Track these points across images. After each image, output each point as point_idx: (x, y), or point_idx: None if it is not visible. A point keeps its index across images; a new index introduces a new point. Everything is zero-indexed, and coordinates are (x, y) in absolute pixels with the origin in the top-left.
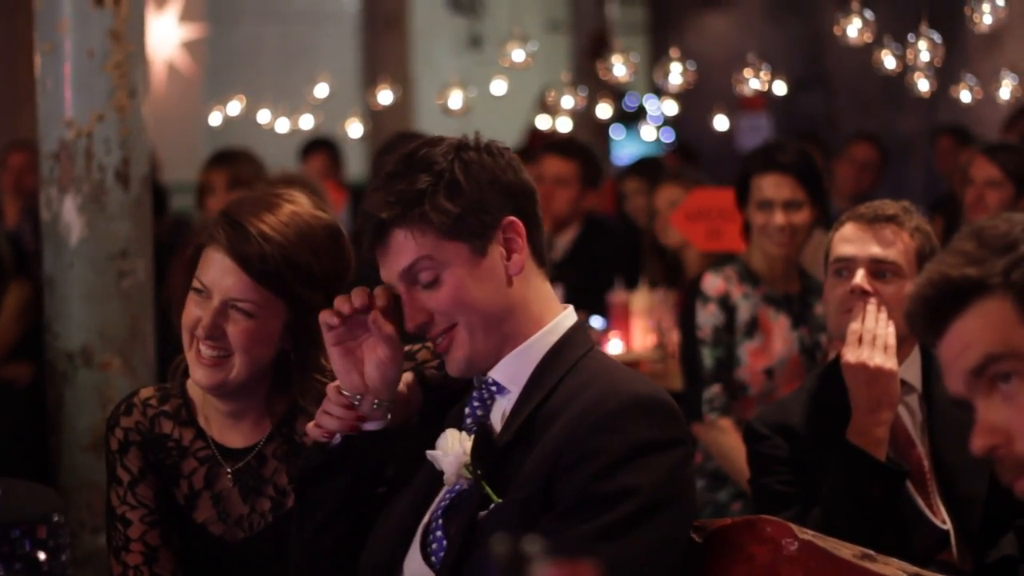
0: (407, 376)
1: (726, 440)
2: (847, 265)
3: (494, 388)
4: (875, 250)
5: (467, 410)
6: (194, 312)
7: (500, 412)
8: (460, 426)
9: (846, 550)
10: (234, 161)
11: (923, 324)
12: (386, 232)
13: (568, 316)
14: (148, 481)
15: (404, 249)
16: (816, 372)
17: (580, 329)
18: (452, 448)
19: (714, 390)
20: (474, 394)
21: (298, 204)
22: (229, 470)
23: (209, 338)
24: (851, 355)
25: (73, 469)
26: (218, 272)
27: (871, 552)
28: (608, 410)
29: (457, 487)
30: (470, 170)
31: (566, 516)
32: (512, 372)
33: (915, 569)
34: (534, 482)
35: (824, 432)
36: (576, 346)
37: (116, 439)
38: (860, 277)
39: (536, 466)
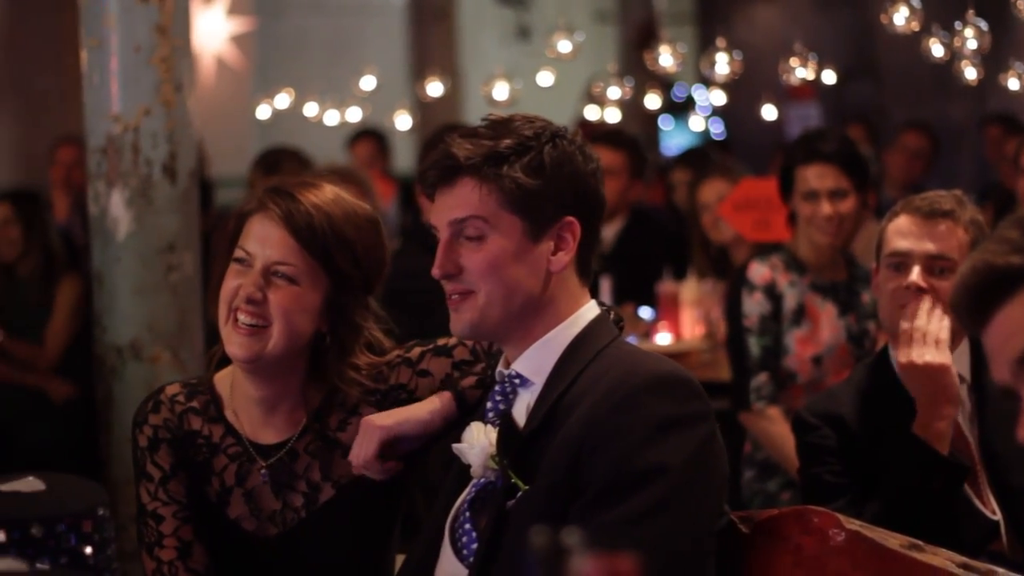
0: (444, 402)
1: (774, 429)
2: (903, 260)
3: (517, 381)
4: (931, 246)
5: (489, 404)
6: (233, 283)
7: (524, 404)
8: (483, 420)
9: (893, 540)
10: (280, 166)
11: (968, 313)
12: (456, 175)
13: (591, 309)
14: (179, 478)
15: (466, 200)
16: (865, 362)
17: (603, 320)
18: (477, 440)
19: (761, 379)
20: (496, 388)
21: (342, 191)
22: (261, 467)
23: (250, 303)
24: (902, 355)
25: (122, 463)
26: (263, 237)
27: (919, 542)
28: (629, 390)
29: (483, 480)
30: (557, 156)
31: (597, 501)
32: (535, 364)
33: (963, 559)
34: (560, 467)
35: (874, 423)
36: (599, 337)
37: (145, 436)
38: (916, 274)
39: (561, 451)
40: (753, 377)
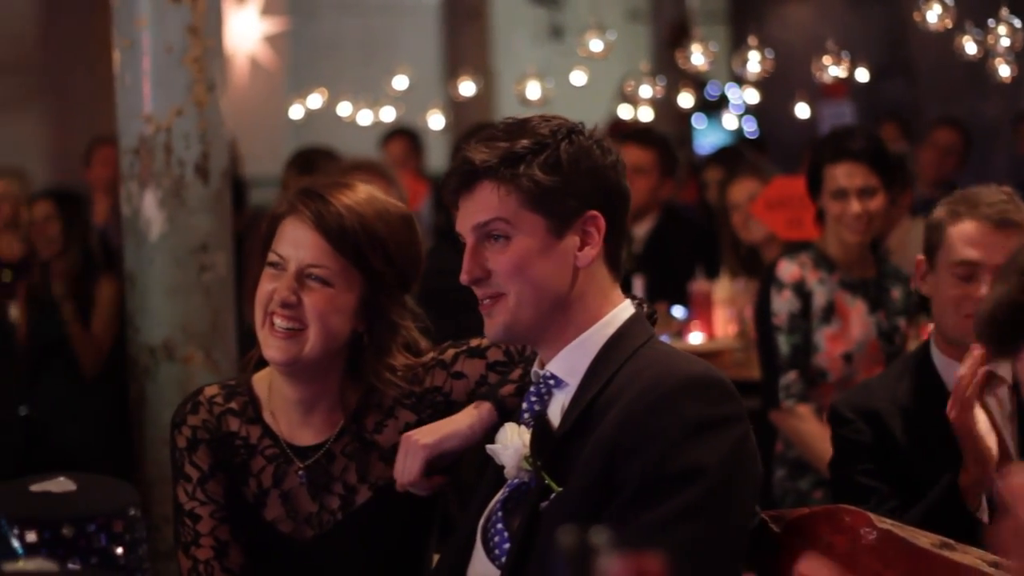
0: (484, 413)
1: (805, 427)
2: (973, 272)
3: (552, 382)
4: (1001, 260)
5: (524, 405)
6: (268, 287)
7: (559, 405)
8: (518, 421)
9: (924, 539)
10: (314, 165)
11: (995, 344)
12: (475, 180)
13: (625, 308)
14: (217, 478)
15: (487, 204)
16: (905, 357)
17: (638, 320)
18: (512, 441)
19: (791, 377)
20: (531, 389)
21: (374, 190)
22: (298, 468)
23: (285, 307)
24: (953, 410)
25: (155, 463)
26: (295, 240)
27: (950, 541)
28: (663, 391)
29: (516, 481)
30: (574, 152)
31: (632, 503)
32: (570, 365)
33: (994, 558)
34: (594, 469)
35: (914, 425)
36: (634, 337)
37: (184, 436)
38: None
39: (595, 453)
40: (783, 375)
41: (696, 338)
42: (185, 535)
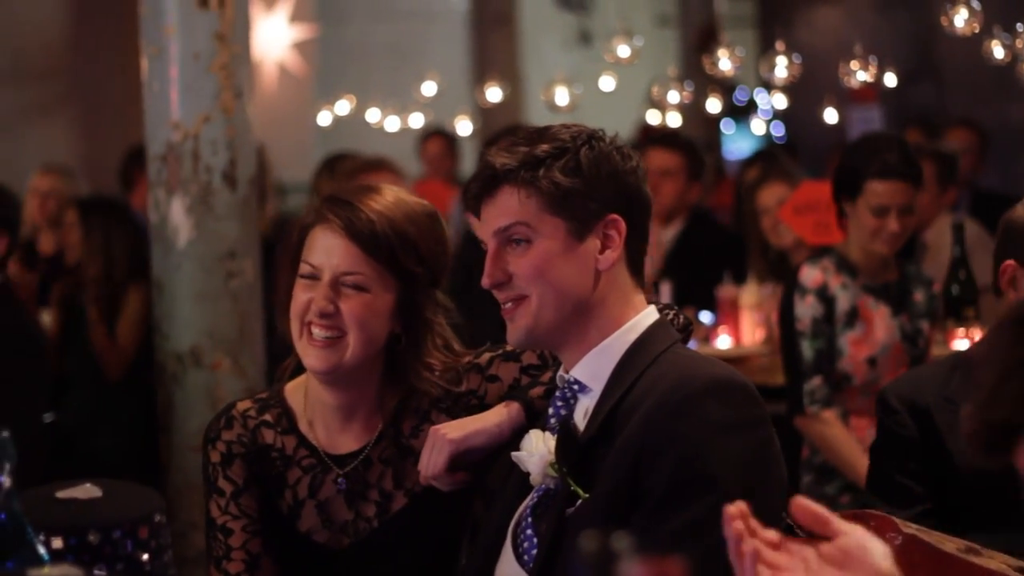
0: (512, 413)
1: (831, 432)
2: None
3: (576, 387)
4: None
5: (551, 410)
6: (303, 297)
7: (583, 410)
8: (544, 427)
9: (950, 544)
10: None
11: (988, 455)
12: (496, 185)
13: (649, 314)
14: (252, 492)
15: (507, 208)
16: (954, 354)
17: (662, 326)
18: (537, 448)
19: (815, 382)
20: (556, 394)
21: (400, 191)
22: (335, 477)
23: (323, 317)
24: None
25: (183, 469)
26: (327, 249)
27: (976, 546)
28: (686, 394)
29: (544, 487)
30: (594, 156)
31: (657, 509)
32: (594, 370)
33: (1020, 563)
34: (619, 473)
35: (959, 418)
36: (657, 342)
37: (218, 452)
38: None
39: (620, 457)
40: (807, 381)
41: (723, 343)
42: (217, 549)
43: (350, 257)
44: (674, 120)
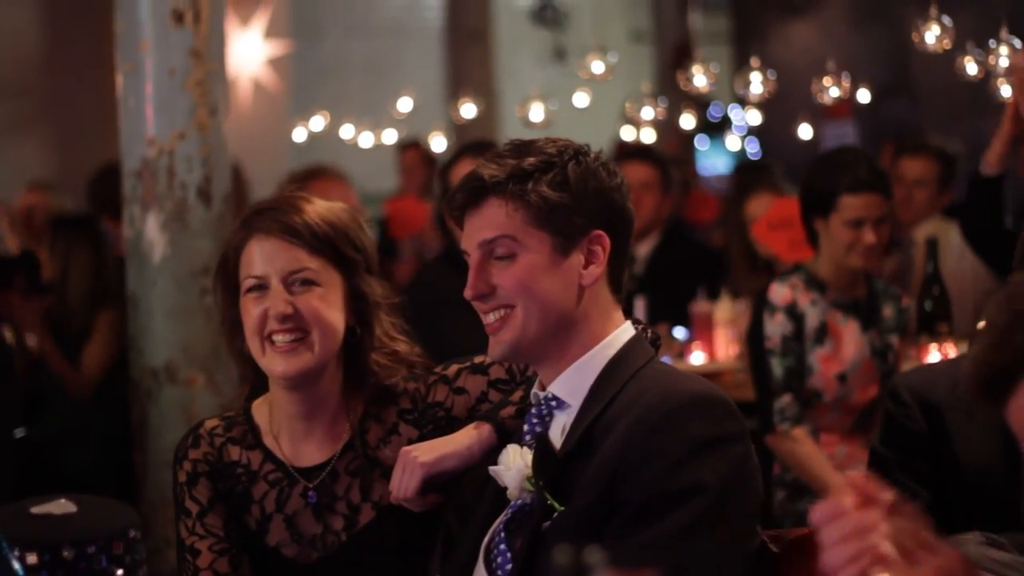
0: (483, 434)
1: (801, 449)
2: None
3: (553, 403)
4: None
5: (526, 427)
6: (256, 311)
7: (560, 427)
8: (520, 442)
9: None
10: (323, 185)
11: (985, 403)
12: (483, 196)
13: (626, 330)
14: (217, 510)
15: (493, 220)
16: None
17: (639, 342)
18: (514, 463)
19: (784, 400)
20: (532, 411)
21: (311, 195)
22: (302, 490)
23: (284, 320)
24: None
25: (158, 485)
26: (268, 256)
27: None
28: (666, 411)
29: (520, 502)
30: (581, 172)
31: (633, 520)
32: (572, 386)
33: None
34: (596, 487)
35: (969, 416)
36: (635, 358)
37: (184, 471)
38: None
39: (598, 472)
40: (777, 399)
41: (697, 359)
42: (186, 570)
43: (293, 256)
44: (648, 136)
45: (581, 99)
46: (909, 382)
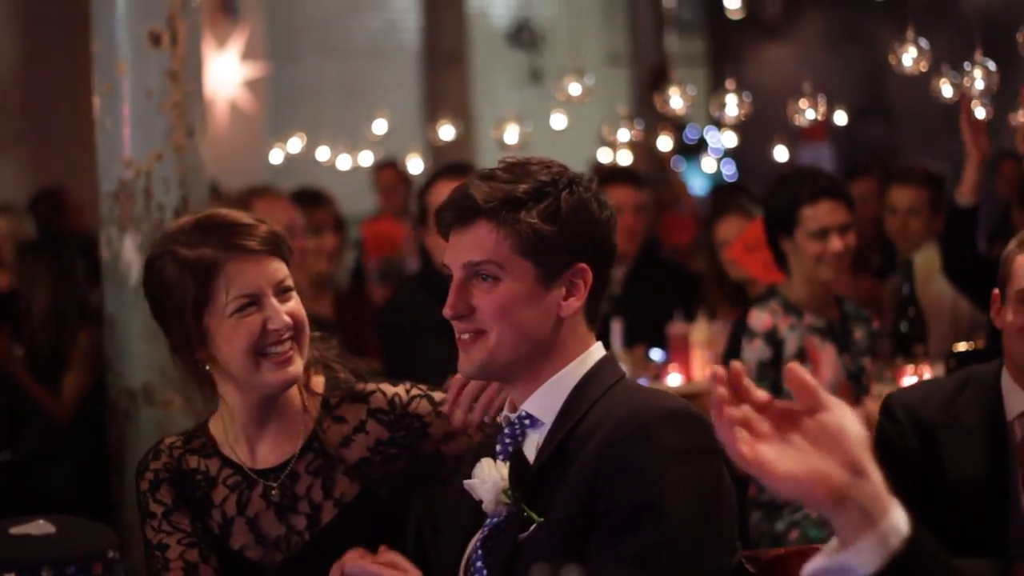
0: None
1: None
2: None
3: (527, 422)
4: None
5: (499, 447)
6: (253, 324)
7: (533, 444)
8: (493, 458)
9: None
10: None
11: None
12: (473, 217)
13: (597, 349)
14: (182, 511)
15: (482, 244)
16: (969, 368)
17: (609, 360)
18: (489, 475)
19: None
20: (505, 430)
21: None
22: (262, 491)
23: (288, 330)
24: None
25: (135, 506)
26: (253, 273)
27: None
28: (641, 423)
29: (496, 518)
30: (573, 203)
31: (612, 535)
32: (545, 403)
33: None
34: (574, 499)
35: (960, 437)
36: (606, 375)
37: (146, 480)
38: None
39: (575, 484)
40: None
41: (674, 380)
42: (155, 564)
43: (274, 267)
44: (624, 158)
45: (558, 121)
46: (903, 399)
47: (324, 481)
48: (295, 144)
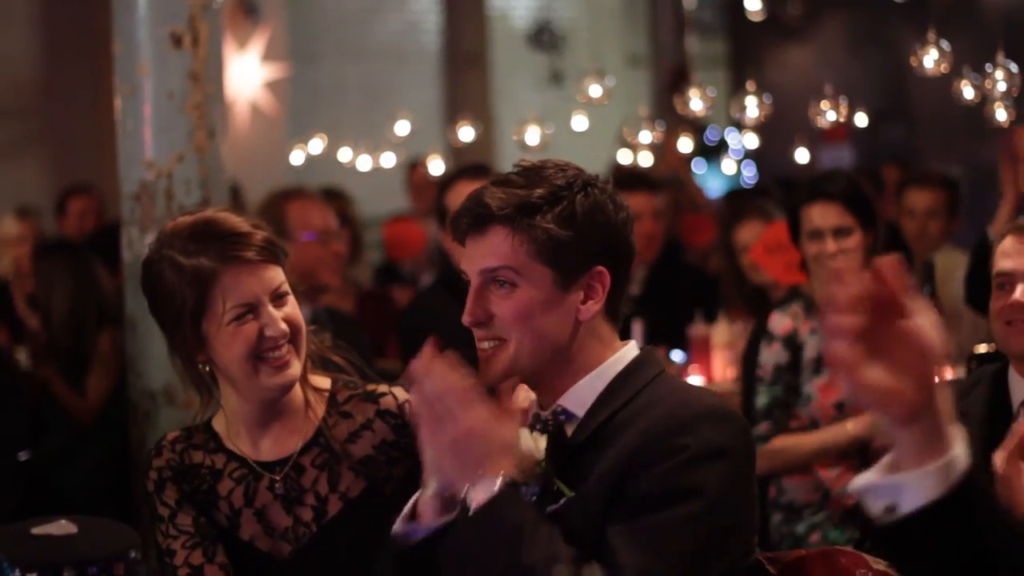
0: None
1: (780, 444)
2: (1008, 279)
3: (563, 417)
4: None
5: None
6: (250, 332)
7: (554, 423)
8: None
9: None
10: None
11: None
12: (488, 224)
13: (631, 349)
14: (185, 510)
15: (497, 250)
16: (991, 369)
17: (649, 355)
18: (525, 445)
19: (761, 428)
20: (537, 427)
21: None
22: (268, 483)
23: (283, 336)
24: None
25: None
26: (249, 281)
27: None
28: (686, 416)
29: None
30: (589, 206)
31: (638, 507)
32: (580, 398)
33: None
34: (610, 479)
35: (971, 429)
36: (649, 367)
37: (151, 480)
38: (1020, 292)
39: (613, 464)
40: (756, 427)
41: (695, 382)
42: (166, 571)
43: (270, 275)
44: (645, 160)
45: (578, 122)
46: None
47: (330, 475)
48: (316, 145)
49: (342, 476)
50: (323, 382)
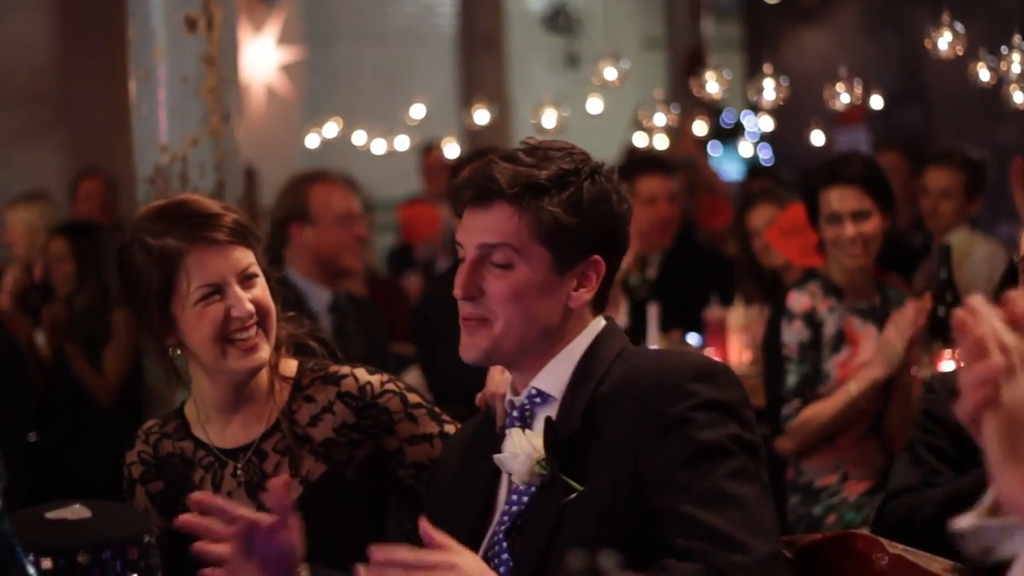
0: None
1: (810, 412)
2: None
3: (537, 399)
4: None
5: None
6: (216, 313)
7: (543, 420)
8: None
9: (936, 564)
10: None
11: None
12: (493, 199)
13: (598, 321)
14: (156, 505)
15: (501, 227)
16: None
17: (612, 327)
18: (521, 447)
19: (794, 405)
20: (513, 414)
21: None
22: (232, 471)
23: (250, 317)
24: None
25: None
26: (215, 262)
27: (961, 566)
28: (675, 380)
29: (512, 506)
30: (595, 194)
31: (680, 481)
32: (553, 378)
33: None
34: (616, 467)
35: None
36: (613, 339)
37: (125, 479)
38: None
39: (615, 449)
40: (786, 405)
41: None
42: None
43: (240, 256)
44: (661, 143)
45: (594, 105)
46: (942, 378)
47: (291, 460)
48: (331, 129)
49: (303, 460)
50: (290, 367)
